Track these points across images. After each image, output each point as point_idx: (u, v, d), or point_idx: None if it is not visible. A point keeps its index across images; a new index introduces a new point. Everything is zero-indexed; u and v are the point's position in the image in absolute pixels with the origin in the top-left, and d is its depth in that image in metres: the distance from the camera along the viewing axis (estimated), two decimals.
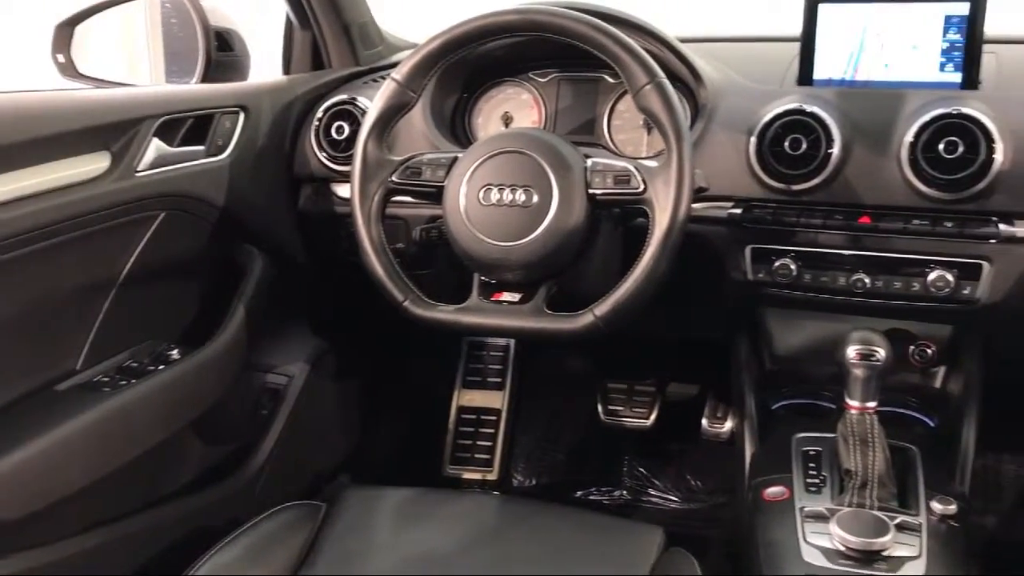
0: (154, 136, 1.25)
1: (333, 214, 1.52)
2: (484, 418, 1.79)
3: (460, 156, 1.20)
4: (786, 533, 1.12)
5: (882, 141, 1.23)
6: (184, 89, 1.44)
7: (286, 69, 1.70)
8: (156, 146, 1.25)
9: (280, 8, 1.67)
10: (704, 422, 1.74)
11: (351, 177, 1.22)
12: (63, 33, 1.46)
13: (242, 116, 1.43)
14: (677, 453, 1.98)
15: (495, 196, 1.15)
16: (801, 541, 1.09)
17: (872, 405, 1.19)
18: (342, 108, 1.49)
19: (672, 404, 1.92)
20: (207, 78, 1.47)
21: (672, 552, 1.10)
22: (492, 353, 1.83)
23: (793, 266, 1.30)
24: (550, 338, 1.16)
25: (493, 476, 1.75)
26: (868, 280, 1.27)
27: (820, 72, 1.33)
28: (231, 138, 1.41)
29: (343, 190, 1.50)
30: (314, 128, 1.50)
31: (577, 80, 1.52)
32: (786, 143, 1.24)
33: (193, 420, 1.36)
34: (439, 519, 1.18)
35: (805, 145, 1.23)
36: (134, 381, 1.24)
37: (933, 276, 1.24)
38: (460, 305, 1.18)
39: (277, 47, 1.71)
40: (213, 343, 1.37)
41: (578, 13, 1.14)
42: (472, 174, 1.17)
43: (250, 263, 1.48)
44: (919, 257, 1.25)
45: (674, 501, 1.93)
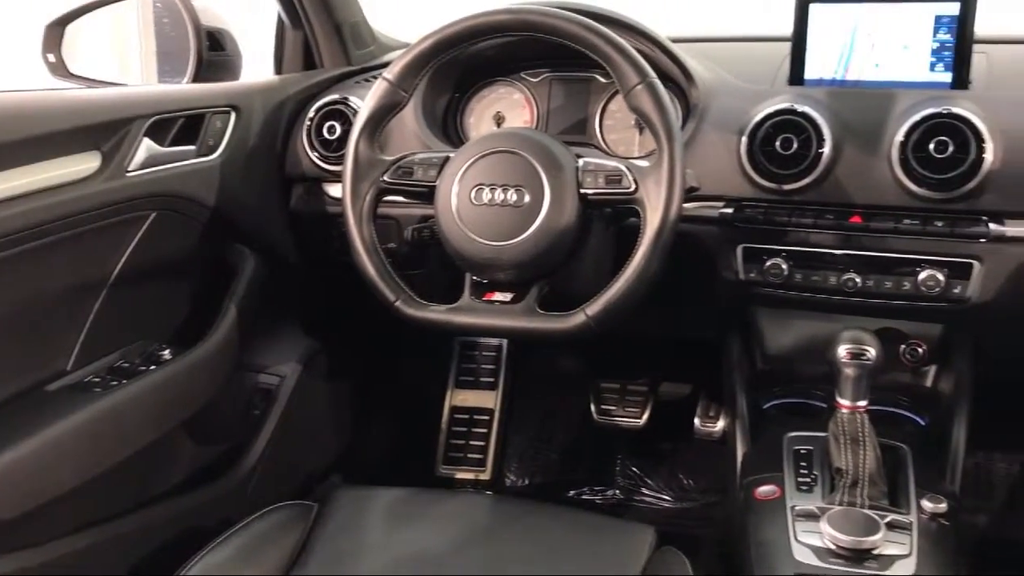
0: (145, 136, 1.25)
1: (325, 214, 1.52)
2: (477, 418, 1.78)
3: (452, 156, 1.20)
4: (777, 532, 1.12)
5: (873, 141, 1.23)
6: (175, 89, 1.44)
7: (278, 69, 1.70)
8: (147, 146, 1.25)
9: (272, 7, 1.66)
10: (697, 421, 1.73)
11: (343, 177, 1.22)
12: (53, 33, 1.45)
13: (233, 116, 1.42)
14: (670, 452, 1.98)
15: (487, 196, 1.15)
16: (792, 540, 1.10)
17: (863, 404, 1.19)
18: (334, 108, 1.49)
19: (665, 403, 1.92)
20: (198, 78, 1.47)
21: (664, 551, 1.10)
22: (485, 353, 1.83)
23: (784, 266, 1.30)
24: (542, 338, 1.16)
25: (486, 476, 1.74)
26: (859, 279, 1.27)
27: (811, 72, 1.33)
28: (222, 138, 1.40)
29: (335, 190, 1.50)
30: (306, 128, 1.50)
31: (569, 80, 1.52)
32: (777, 143, 1.25)
33: (185, 420, 1.36)
34: (431, 519, 1.18)
35: (796, 145, 1.24)
36: (125, 381, 1.24)
37: (924, 275, 1.24)
38: (452, 305, 1.18)
39: (269, 47, 1.71)
40: (204, 343, 1.36)
41: (570, 13, 1.14)
42: (464, 174, 1.17)
43: (242, 263, 1.47)
44: (910, 256, 1.25)
45: (667, 500, 1.94)
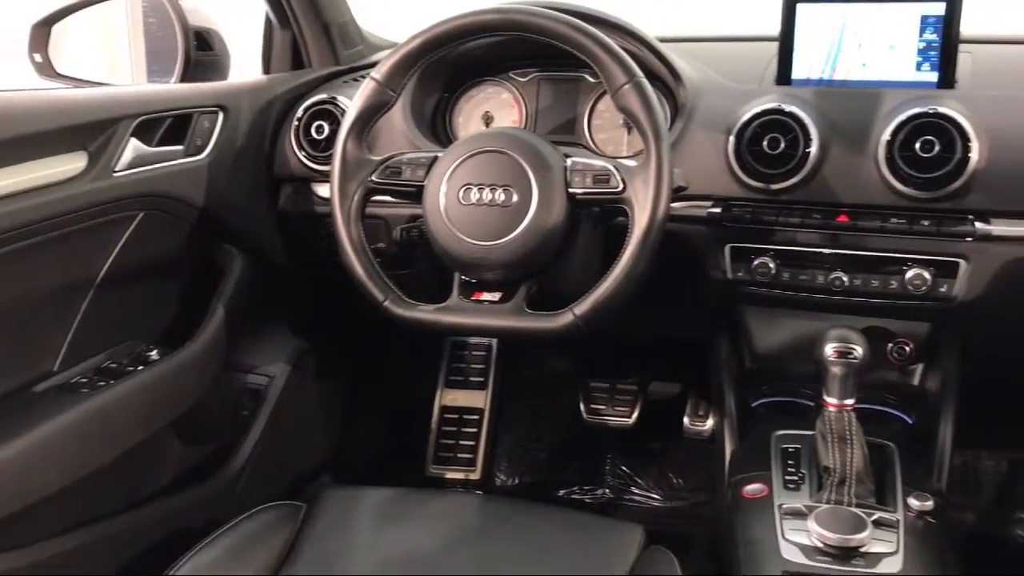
0: (132, 136, 1.25)
1: (313, 214, 1.51)
2: (467, 418, 1.78)
3: (440, 155, 1.20)
4: (765, 530, 1.12)
5: (859, 140, 1.24)
6: (162, 89, 1.43)
7: (266, 68, 1.70)
8: (134, 146, 1.25)
9: (260, 7, 1.66)
10: (686, 420, 1.74)
11: (331, 176, 1.22)
12: (40, 32, 1.45)
13: (221, 116, 1.42)
14: (659, 452, 1.98)
15: (475, 195, 1.15)
16: (780, 538, 1.10)
17: (850, 402, 1.19)
18: (322, 107, 1.49)
19: (654, 403, 1.92)
20: (186, 77, 1.46)
21: (652, 550, 1.10)
22: (475, 353, 1.82)
23: (772, 265, 1.30)
24: (530, 337, 1.16)
25: (476, 476, 1.74)
26: (846, 278, 1.28)
27: (798, 71, 1.34)
28: (210, 138, 1.40)
29: (323, 190, 1.50)
30: (294, 128, 1.49)
31: (557, 80, 1.52)
32: (764, 142, 1.25)
33: (173, 421, 1.36)
34: (420, 519, 1.18)
35: (783, 144, 1.24)
36: (112, 382, 1.24)
37: (910, 274, 1.25)
38: (440, 305, 1.18)
39: (257, 46, 1.70)
40: (193, 344, 1.36)
41: (557, 13, 1.14)
42: (452, 173, 1.17)
43: (230, 263, 1.47)
44: (896, 255, 1.25)
45: (656, 499, 1.94)
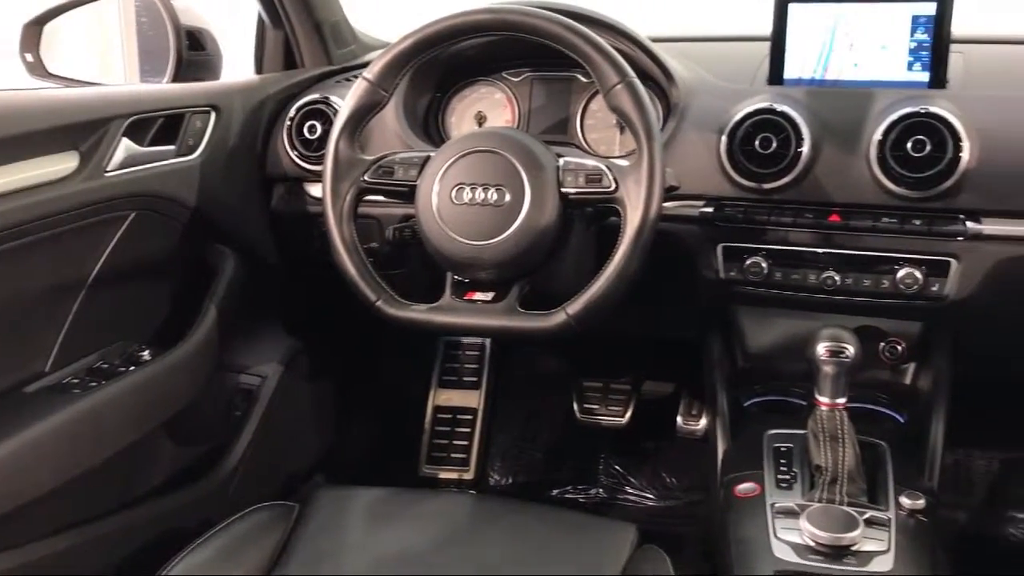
0: (123, 136, 1.24)
1: (305, 213, 1.51)
2: (460, 417, 1.78)
3: (432, 155, 1.20)
4: (757, 529, 1.12)
5: (851, 140, 1.24)
6: (154, 88, 1.43)
7: (258, 68, 1.69)
8: (125, 146, 1.24)
9: (252, 7, 1.66)
10: (679, 420, 1.74)
11: (323, 176, 1.22)
12: (31, 32, 1.44)
13: (213, 115, 1.42)
14: (653, 451, 1.98)
15: (467, 195, 1.15)
16: (772, 537, 1.10)
17: (842, 401, 1.20)
18: (314, 107, 1.48)
19: (647, 402, 1.93)
20: (178, 77, 1.46)
21: (645, 549, 1.10)
22: (468, 352, 1.82)
23: (764, 264, 1.31)
24: (523, 337, 1.16)
25: (469, 475, 1.74)
26: (838, 278, 1.28)
27: (790, 71, 1.34)
28: (202, 138, 1.40)
29: (315, 189, 1.50)
30: (286, 127, 1.49)
31: (550, 79, 1.52)
32: (757, 142, 1.25)
33: (165, 421, 1.35)
34: (412, 519, 1.18)
35: (775, 144, 1.24)
36: (104, 382, 1.23)
37: (902, 273, 1.25)
38: (433, 304, 1.18)
39: (249, 46, 1.70)
40: (185, 344, 1.36)
41: (549, 12, 1.14)
42: (444, 173, 1.17)
43: (222, 263, 1.47)
44: (888, 255, 1.26)
45: (650, 499, 1.94)
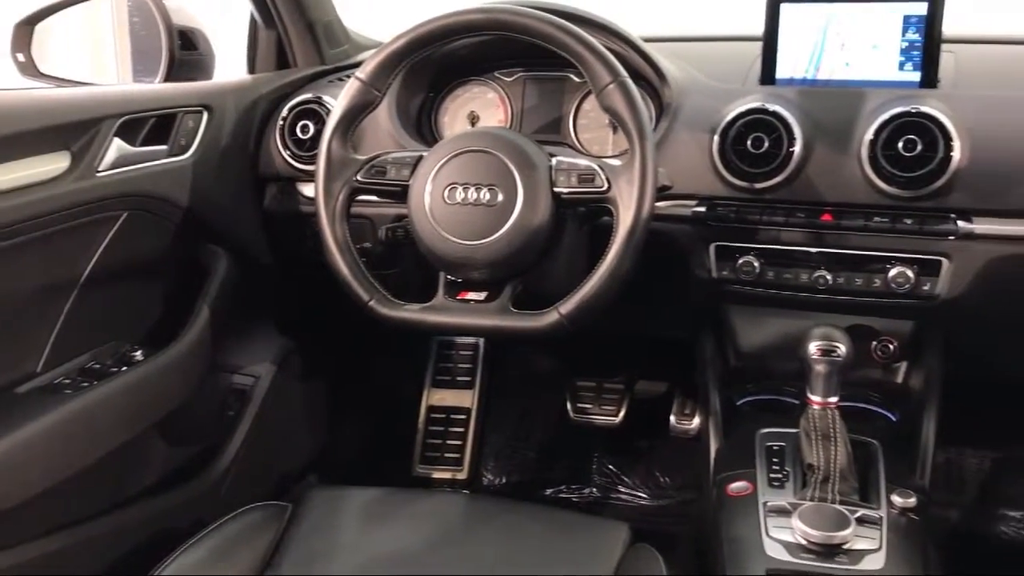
0: (115, 136, 1.24)
1: (298, 213, 1.51)
2: (454, 417, 1.78)
3: (425, 155, 1.20)
4: (749, 528, 1.13)
5: (843, 139, 1.24)
6: (146, 88, 1.43)
7: (251, 68, 1.69)
8: (117, 146, 1.24)
9: (244, 7, 1.65)
10: (672, 419, 1.75)
11: (315, 176, 1.21)
12: (23, 32, 1.44)
13: (206, 115, 1.41)
14: (646, 450, 1.98)
15: (460, 195, 1.15)
16: (764, 536, 1.11)
17: (834, 400, 1.20)
18: (307, 107, 1.48)
19: (641, 401, 1.93)
20: (170, 77, 1.46)
21: (637, 548, 1.10)
22: (462, 352, 1.82)
23: (756, 263, 1.31)
24: (516, 336, 1.16)
25: (463, 475, 1.74)
26: (830, 277, 1.29)
27: (782, 71, 1.34)
28: (194, 137, 1.40)
29: (308, 189, 1.49)
30: (279, 127, 1.49)
31: (543, 79, 1.52)
32: (749, 141, 1.25)
33: (158, 422, 1.35)
34: (405, 518, 1.18)
35: (767, 143, 1.25)
36: (96, 383, 1.23)
37: (894, 272, 1.25)
38: (426, 304, 1.18)
39: (241, 46, 1.70)
40: (177, 344, 1.36)
41: (542, 12, 1.14)
42: (437, 173, 1.17)
43: (214, 263, 1.46)
44: (880, 254, 1.26)
45: (643, 498, 1.94)
